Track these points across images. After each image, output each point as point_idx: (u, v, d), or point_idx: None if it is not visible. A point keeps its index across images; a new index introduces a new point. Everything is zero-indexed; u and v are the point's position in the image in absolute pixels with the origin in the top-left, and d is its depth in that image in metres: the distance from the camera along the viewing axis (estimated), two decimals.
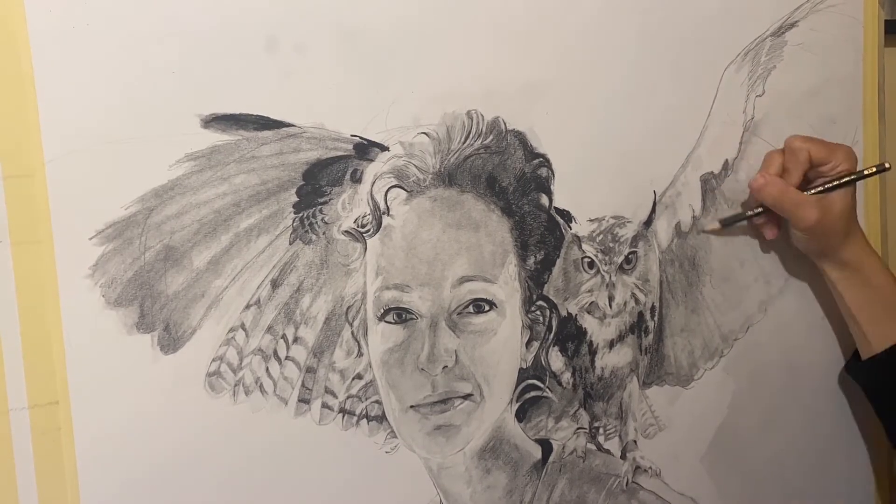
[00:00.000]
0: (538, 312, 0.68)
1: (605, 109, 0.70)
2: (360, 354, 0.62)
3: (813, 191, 0.74)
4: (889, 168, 0.77)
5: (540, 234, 0.68)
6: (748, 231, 0.78)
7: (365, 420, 0.63)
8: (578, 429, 0.71)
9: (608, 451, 0.73)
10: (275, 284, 0.59)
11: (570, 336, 0.70)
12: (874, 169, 0.76)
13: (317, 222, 0.60)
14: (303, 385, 0.61)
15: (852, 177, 0.74)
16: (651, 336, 0.74)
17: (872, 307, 0.76)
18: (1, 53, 0.51)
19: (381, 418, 0.63)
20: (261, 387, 0.59)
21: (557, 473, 0.71)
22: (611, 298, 0.71)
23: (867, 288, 0.76)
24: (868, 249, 0.77)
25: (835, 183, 0.74)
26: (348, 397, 0.62)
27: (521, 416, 0.69)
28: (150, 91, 0.54)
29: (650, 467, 0.74)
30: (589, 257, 0.70)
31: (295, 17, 0.58)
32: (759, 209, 0.75)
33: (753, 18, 0.77)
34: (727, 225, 0.76)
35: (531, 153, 0.67)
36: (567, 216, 0.69)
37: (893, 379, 0.75)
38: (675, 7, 0.72)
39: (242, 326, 0.58)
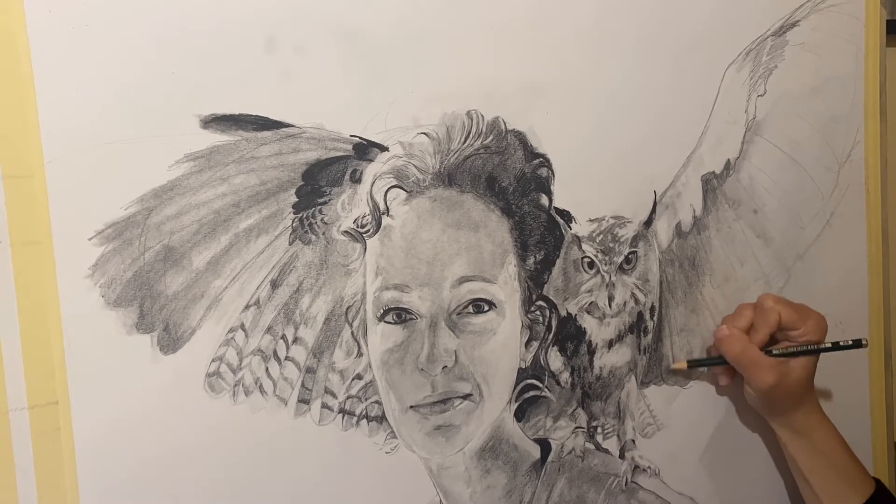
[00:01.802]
0: (538, 312, 0.68)
1: (606, 109, 0.70)
2: (359, 355, 0.62)
3: (775, 352, 0.72)
4: (866, 345, 0.74)
5: (540, 234, 0.68)
6: (749, 231, 0.78)
7: (365, 420, 0.63)
8: (576, 428, 0.71)
9: (606, 451, 0.73)
10: (274, 285, 0.59)
11: (570, 336, 0.70)
12: (850, 342, 0.74)
13: (316, 223, 0.60)
14: (302, 385, 0.61)
15: (819, 347, 0.73)
16: (650, 336, 0.74)
17: (824, 473, 0.74)
18: (1, 53, 0.51)
19: (381, 419, 0.64)
20: (260, 387, 0.59)
21: (556, 473, 0.71)
22: (610, 298, 0.71)
23: (818, 454, 0.74)
24: (820, 416, 0.75)
25: (798, 350, 0.72)
26: (348, 398, 0.62)
27: (519, 415, 0.69)
28: (150, 91, 0.54)
29: (649, 467, 0.74)
30: (589, 257, 0.70)
31: (294, 18, 0.58)
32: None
33: (754, 18, 0.76)
34: (692, 367, 0.74)
35: (531, 153, 0.67)
36: (567, 216, 0.69)
37: None
38: (675, 7, 0.72)
39: (242, 327, 0.58)
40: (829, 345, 0.73)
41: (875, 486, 0.74)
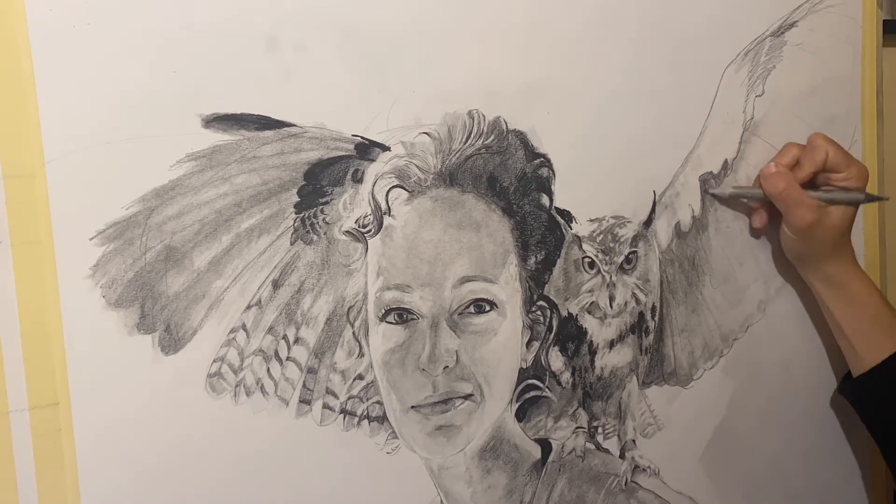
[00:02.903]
0: (539, 312, 0.68)
1: (606, 109, 0.70)
2: (361, 355, 0.62)
3: (814, 194, 0.73)
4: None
5: (541, 234, 0.68)
6: (747, 231, 0.78)
7: (366, 421, 0.63)
8: (577, 428, 0.71)
9: (607, 451, 0.73)
10: (276, 285, 0.59)
11: (571, 336, 0.70)
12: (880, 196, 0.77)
13: (318, 222, 0.60)
14: (304, 386, 0.60)
15: (858, 196, 0.74)
16: (651, 336, 0.74)
17: (860, 322, 0.75)
18: (1, 53, 0.51)
19: (382, 419, 0.63)
20: (262, 388, 0.59)
21: (557, 473, 0.71)
22: (611, 298, 0.71)
23: (853, 303, 0.75)
24: (855, 268, 0.76)
25: (839, 196, 0.74)
26: (349, 398, 0.62)
27: (520, 415, 0.69)
28: (151, 91, 0.54)
29: (649, 466, 0.74)
30: (589, 257, 0.70)
31: (295, 17, 0.57)
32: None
33: (753, 18, 0.77)
34: (733, 197, 0.75)
35: (532, 153, 0.67)
36: (567, 216, 0.69)
37: (884, 393, 0.75)
38: (674, 7, 0.72)
39: (243, 327, 0.58)
40: (863, 196, 0.75)
41: None
